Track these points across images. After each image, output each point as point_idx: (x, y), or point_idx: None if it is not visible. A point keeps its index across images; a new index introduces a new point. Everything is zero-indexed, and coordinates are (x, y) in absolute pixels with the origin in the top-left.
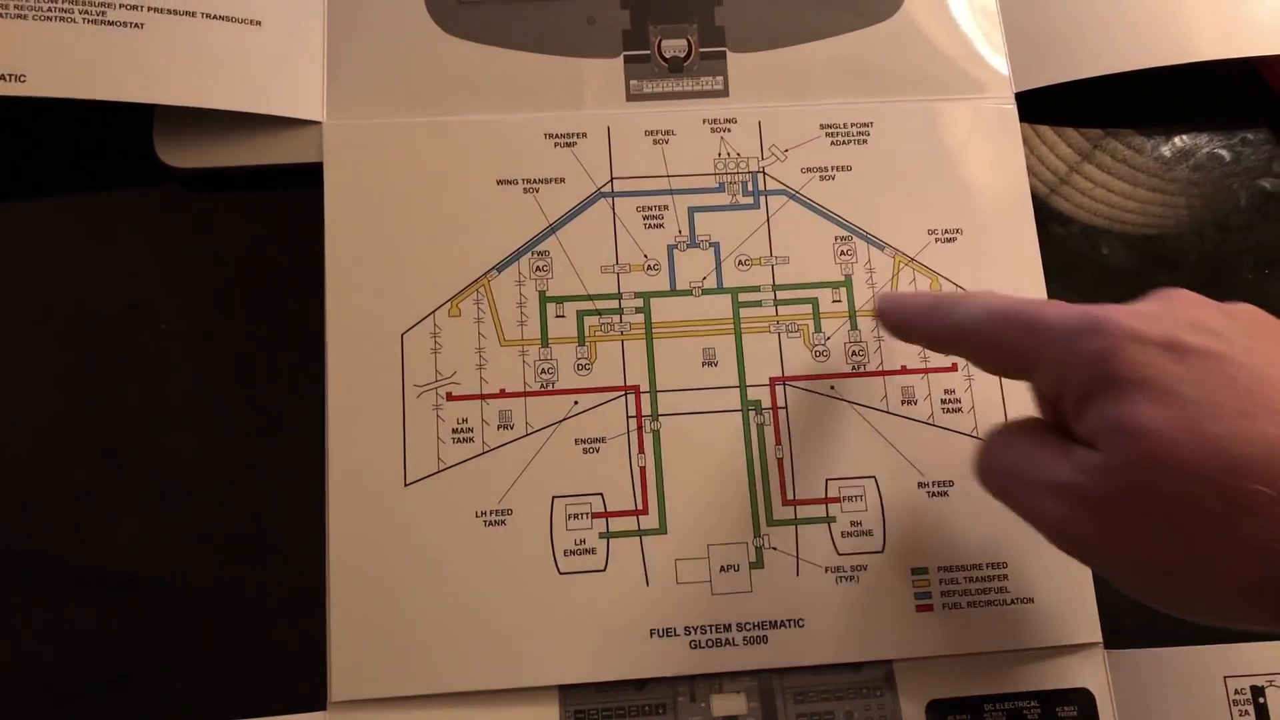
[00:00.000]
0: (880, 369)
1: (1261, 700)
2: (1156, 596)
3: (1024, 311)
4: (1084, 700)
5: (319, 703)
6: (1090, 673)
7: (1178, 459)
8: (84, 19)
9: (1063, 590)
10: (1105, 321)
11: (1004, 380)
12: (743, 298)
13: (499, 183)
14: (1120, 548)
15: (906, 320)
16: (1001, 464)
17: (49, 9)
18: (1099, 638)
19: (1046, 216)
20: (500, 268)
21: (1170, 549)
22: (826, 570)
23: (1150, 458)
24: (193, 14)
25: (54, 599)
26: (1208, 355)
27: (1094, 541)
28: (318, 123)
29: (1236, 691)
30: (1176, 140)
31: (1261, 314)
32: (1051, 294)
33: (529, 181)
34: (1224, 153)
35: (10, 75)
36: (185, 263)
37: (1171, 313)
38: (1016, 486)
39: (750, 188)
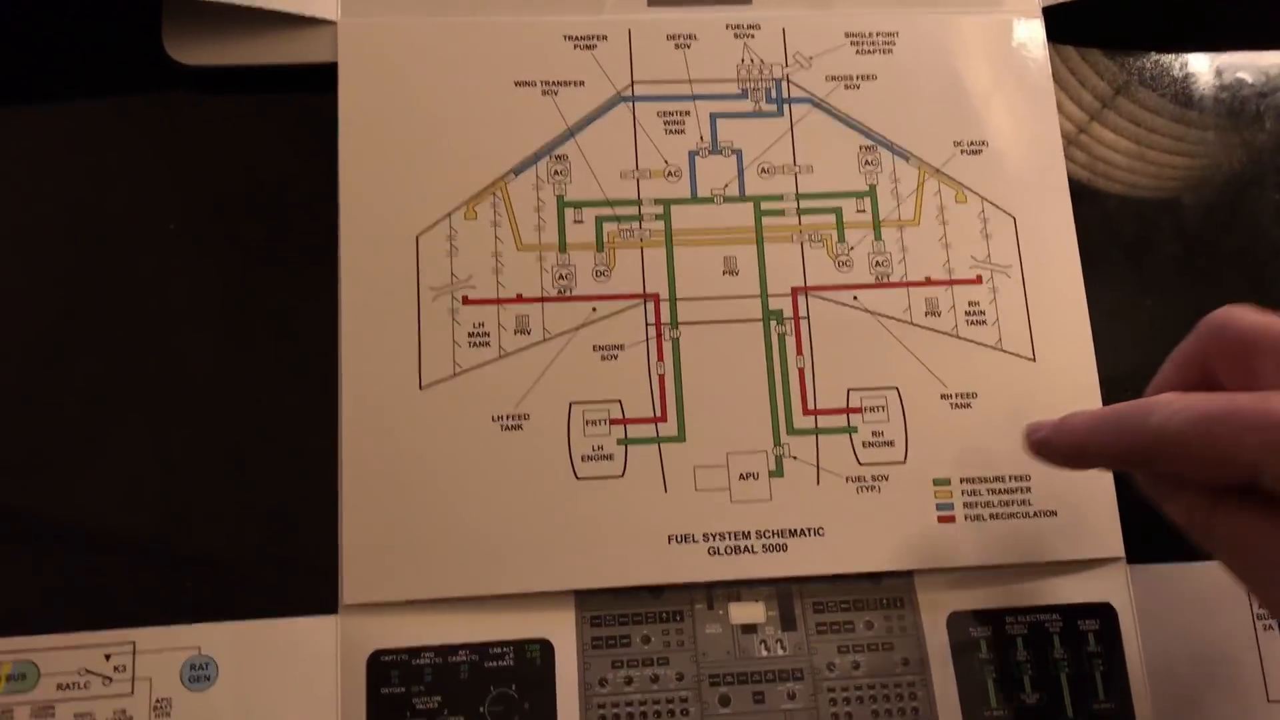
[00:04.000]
0: (904, 280)
1: None
2: None
3: (1245, 411)
4: (1105, 614)
5: (331, 605)
6: (1112, 587)
7: None
8: None
9: (1085, 504)
10: None
11: (1029, 296)
12: (765, 206)
13: (517, 84)
14: None
15: (1081, 442)
16: (1237, 533)
17: None
18: (1121, 552)
19: (1077, 153)
20: (518, 171)
21: None
22: (847, 480)
23: None
24: None
25: (61, 500)
26: None
27: None
28: (332, 21)
29: (1261, 606)
30: (1205, 61)
31: None
32: (1076, 213)
33: (547, 84)
34: (1248, 75)
35: None
36: (195, 163)
37: None
38: (1256, 559)
39: (774, 95)
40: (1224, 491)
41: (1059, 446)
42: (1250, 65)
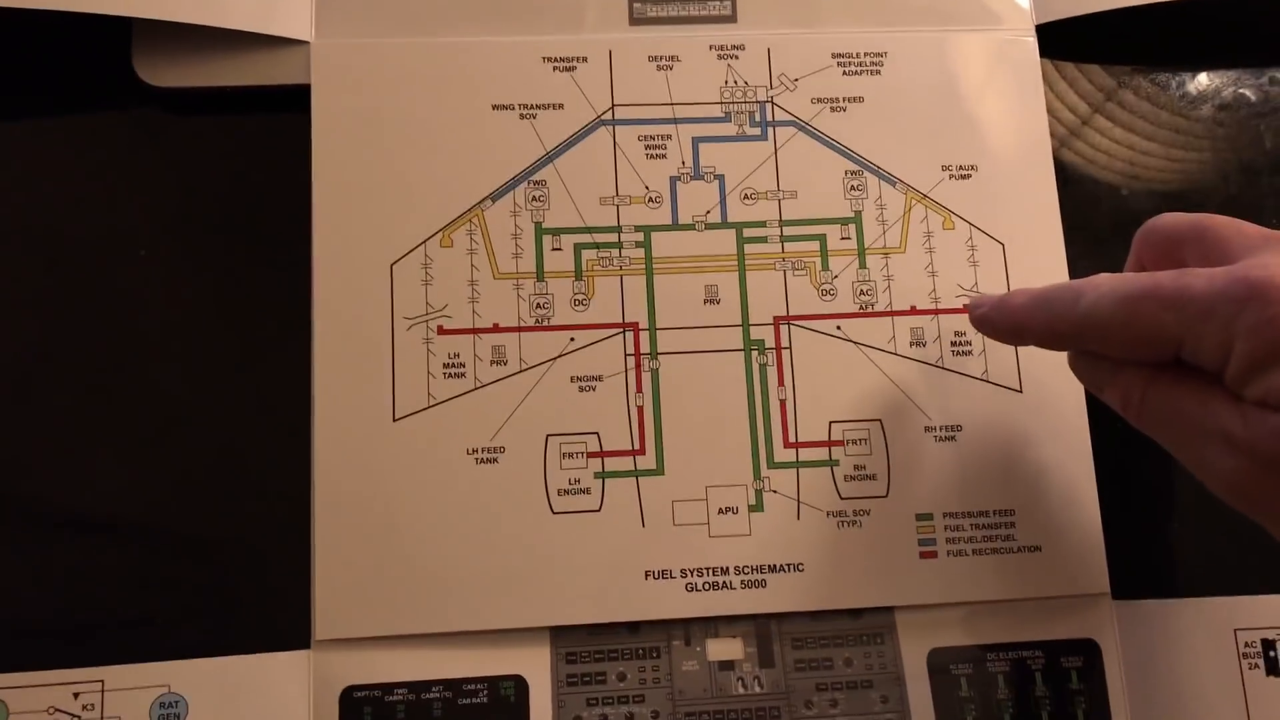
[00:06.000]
0: (889, 309)
1: (1272, 654)
2: None
3: (1164, 288)
4: (1089, 651)
5: (303, 641)
6: (1097, 623)
7: None
8: None
9: (1071, 538)
10: (1267, 287)
11: None
12: (748, 233)
13: (494, 108)
14: None
15: (1018, 320)
16: (1166, 407)
17: None
18: (1107, 588)
19: (1065, 157)
20: (495, 197)
21: None
22: (828, 514)
23: None
24: None
25: (30, 536)
26: None
27: (1270, 498)
28: (305, 42)
29: (1246, 644)
30: (1202, 79)
31: None
32: (1067, 238)
33: (526, 107)
34: (1250, 93)
35: None
36: (165, 187)
37: None
38: (1186, 434)
39: (758, 118)
40: (1155, 372)
41: (998, 323)
42: (1246, 82)
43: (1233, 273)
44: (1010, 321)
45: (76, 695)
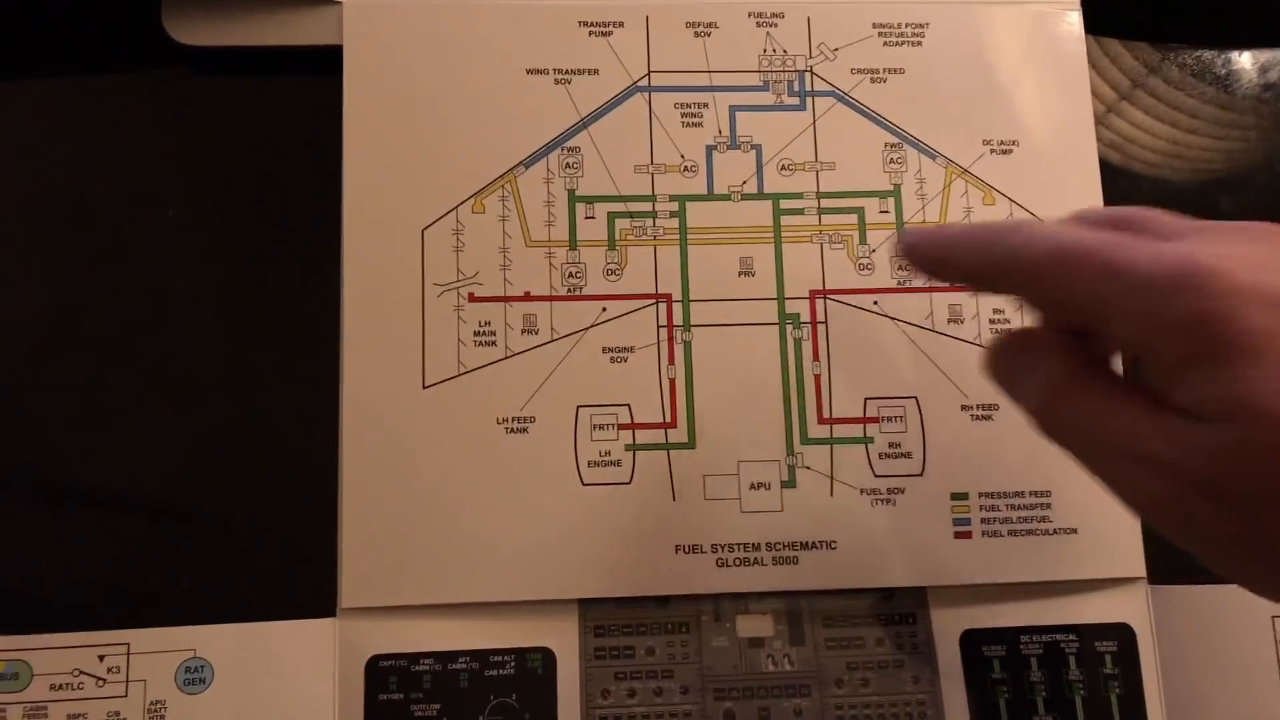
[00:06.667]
0: (927, 285)
1: None
2: (1265, 585)
3: (1098, 251)
4: (1124, 636)
5: (329, 609)
6: (1132, 608)
7: None
8: None
9: (1107, 521)
10: (1211, 274)
11: None
12: (784, 204)
13: (529, 72)
14: (1231, 534)
15: (943, 253)
16: (1076, 418)
17: None
18: (1143, 572)
19: (1106, 135)
20: (528, 163)
21: None
22: (862, 492)
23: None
24: None
25: (57, 500)
26: None
27: (1199, 524)
28: (338, 2)
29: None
30: (1247, 57)
31: None
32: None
33: (560, 72)
34: None
35: None
36: (195, 147)
37: None
38: (1099, 450)
39: (796, 88)
40: (1072, 371)
41: (923, 251)
42: None
43: (1176, 252)
44: (934, 253)
45: (102, 658)
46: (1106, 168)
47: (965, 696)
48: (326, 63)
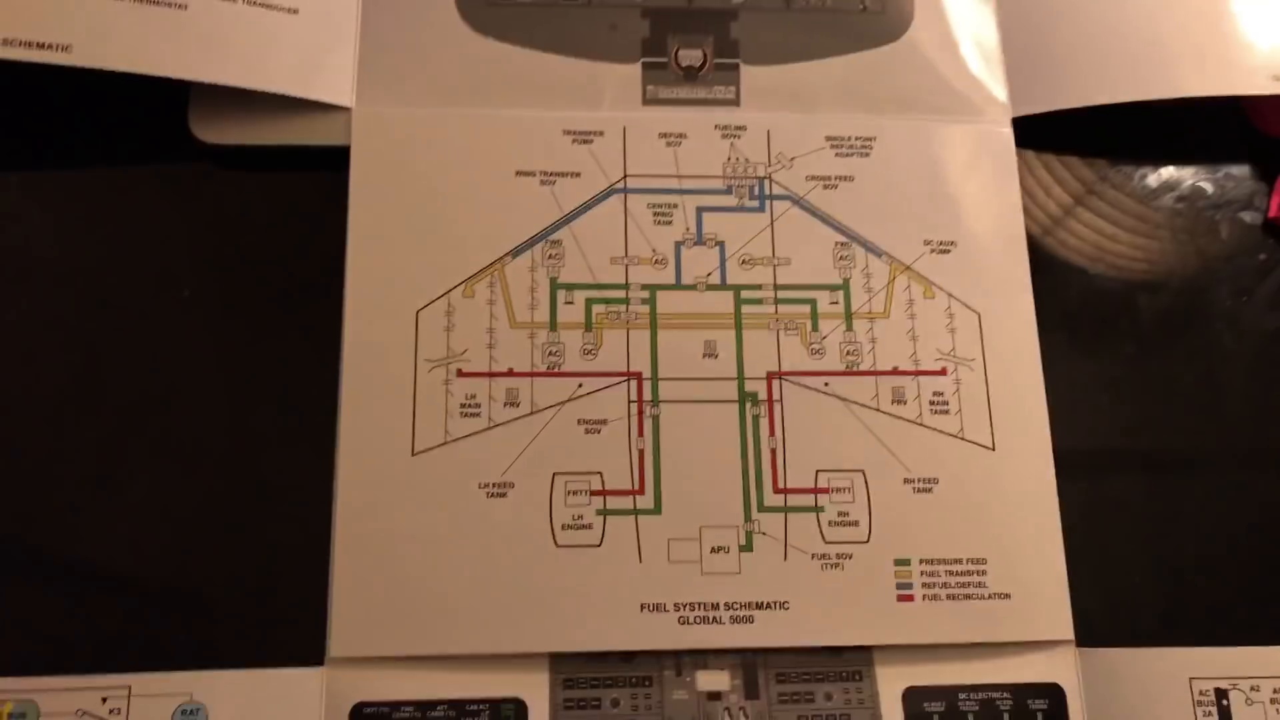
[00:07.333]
0: (873, 369)
1: (1225, 703)
2: None
3: None
4: (1054, 695)
5: (318, 658)
6: (1062, 669)
7: None
8: None
9: (1038, 588)
10: None
11: (990, 388)
12: (745, 295)
13: (518, 174)
14: None
15: None
16: None
17: None
18: (1071, 635)
19: (1041, 239)
20: (515, 254)
21: None
22: (813, 557)
23: None
24: None
25: (67, 551)
26: None
27: None
28: (347, 108)
29: (1201, 693)
30: (1164, 172)
31: None
32: (1038, 307)
33: (546, 174)
34: (1208, 186)
35: (57, 45)
36: (212, 235)
37: None
38: None
39: (756, 192)
40: None
41: None
42: (1208, 177)
43: None
44: None
45: (104, 700)
46: (1039, 267)
47: None
48: (335, 161)
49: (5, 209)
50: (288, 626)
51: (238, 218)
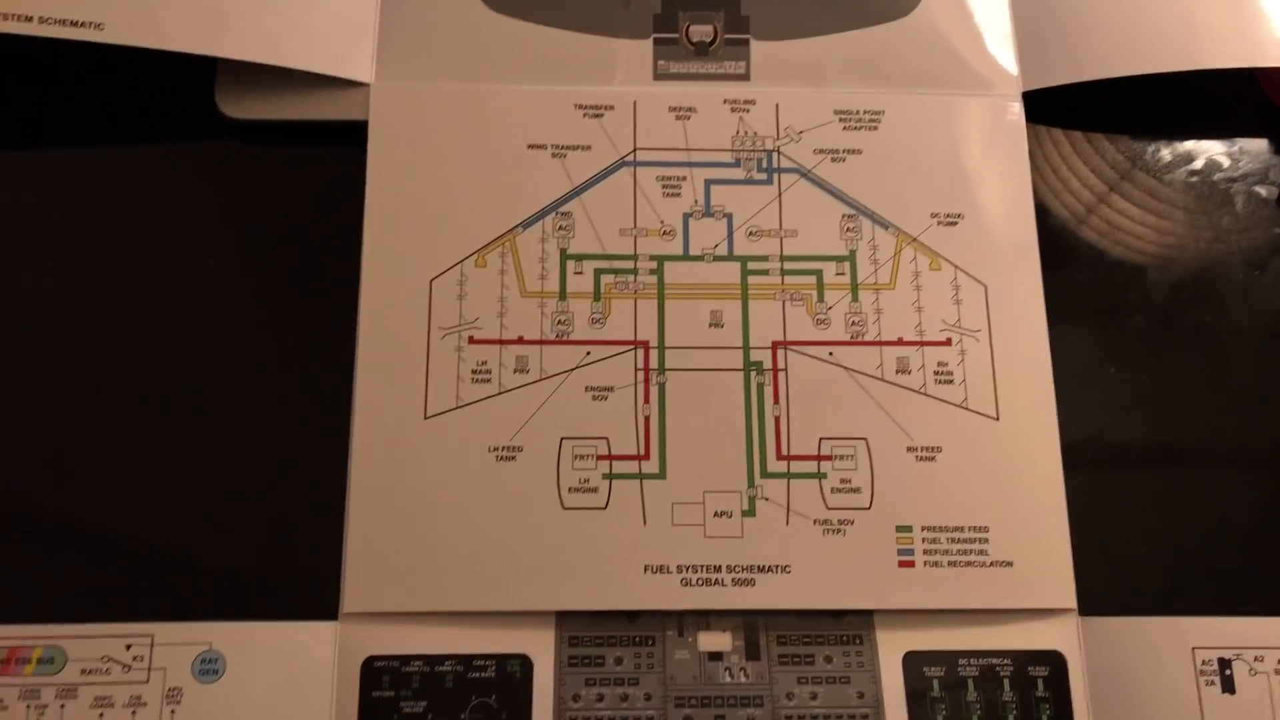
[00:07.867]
0: (878, 339)
1: (1228, 672)
2: None
3: None
4: (1055, 662)
5: (331, 612)
6: (1063, 636)
7: None
8: None
9: (1041, 556)
10: None
11: (995, 359)
12: (751, 266)
13: (529, 147)
14: None
15: None
16: None
17: None
18: (1073, 604)
19: (1047, 212)
20: (526, 225)
21: None
22: (815, 522)
23: None
24: None
25: (96, 504)
26: None
27: None
28: (366, 84)
29: (1204, 663)
30: (1178, 146)
31: None
32: (1047, 279)
33: (558, 147)
34: (1222, 159)
35: (89, 23)
36: (236, 205)
37: None
38: None
39: (765, 165)
40: None
41: None
42: (1222, 150)
43: None
44: None
45: (128, 647)
46: (1044, 236)
47: (906, 713)
48: (354, 135)
49: (37, 182)
50: (303, 582)
51: (260, 189)
